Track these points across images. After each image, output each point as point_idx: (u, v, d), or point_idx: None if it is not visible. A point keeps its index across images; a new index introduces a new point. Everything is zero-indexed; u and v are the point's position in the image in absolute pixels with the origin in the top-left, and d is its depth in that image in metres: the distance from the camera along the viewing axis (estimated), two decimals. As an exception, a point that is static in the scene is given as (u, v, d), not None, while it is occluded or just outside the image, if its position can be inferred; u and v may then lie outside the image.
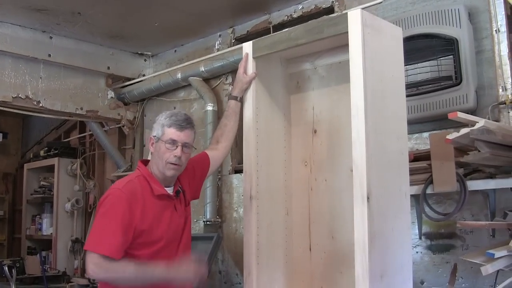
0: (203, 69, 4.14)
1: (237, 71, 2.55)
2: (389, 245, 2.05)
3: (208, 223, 3.96)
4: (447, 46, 2.76)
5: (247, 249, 2.40)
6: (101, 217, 2.13)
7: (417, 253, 2.90)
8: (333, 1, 3.55)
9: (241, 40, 4.11)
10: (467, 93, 2.72)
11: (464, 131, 2.23)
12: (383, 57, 2.13)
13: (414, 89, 2.82)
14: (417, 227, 2.81)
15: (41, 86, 4.31)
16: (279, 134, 2.61)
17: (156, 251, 2.16)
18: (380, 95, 2.08)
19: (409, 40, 2.79)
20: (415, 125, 2.90)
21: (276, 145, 2.58)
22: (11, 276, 4.52)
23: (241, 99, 2.50)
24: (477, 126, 2.20)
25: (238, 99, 2.50)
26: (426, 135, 2.88)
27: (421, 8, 3.02)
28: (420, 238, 2.86)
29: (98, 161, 5.60)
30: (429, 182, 2.57)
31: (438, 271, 2.84)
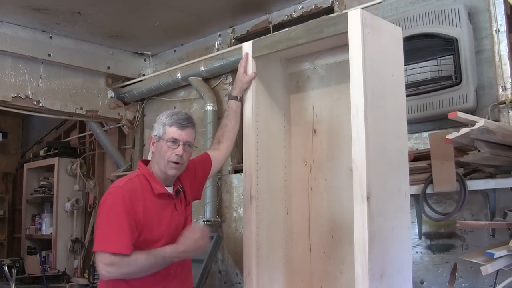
0: (203, 69, 4.14)
1: (237, 71, 2.55)
2: (389, 245, 2.05)
3: (208, 222, 3.95)
4: (447, 46, 2.77)
5: (247, 249, 2.39)
6: (105, 216, 2.11)
7: (417, 253, 2.90)
8: (333, 1, 3.56)
9: (241, 40, 4.11)
10: (467, 93, 2.72)
11: (464, 131, 2.23)
12: (383, 57, 2.13)
13: (414, 89, 2.82)
14: (417, 226, 2.81)
15: (41, 85, 4.31)
16: (279, 133, 2.61)
17: None
18: (380, 95, 2.08)
19: (409, 40, 2.80)
20: (415, 124, 2.90)
21: (276, 145, 2.58)
22: (11, 276, 4.53)
23: (241, 99, 2.50)
24: (477, 126, 2.19)
25: (238, 99, 2.50)
26: (426, 134, 2.88)
27: (421, 8, 3.02)
28: (420, 238, 2.86)
29: (98, 160, 5.60)
30: (429, 182, 2.57)
31: (438, 271, 2.85)
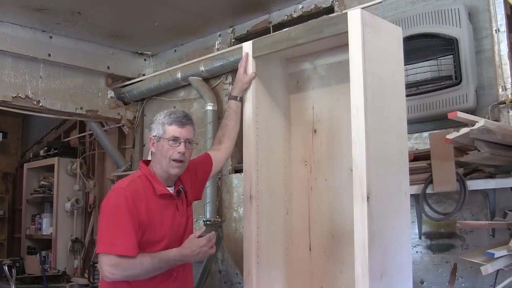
0: (203, 68, 4.14)
1: (237, 70, 2.55)
2: (389, 244, 2.05)
3: (208, 222, 3.95)
4: (447, 45, 2.76)
5: (247, 249, 2.39)
6: (108, 217, 2.11)
7: (417, 252, 2.90)
8: (333, 1, 3.55)
9: (241, 39, 4.11)
10: (467, 93, 2.72)
11: (464, 130, 2.23)
12: (383, 57, 2.13)
13: (414, 88, 2.82)
14: (417, 226, 2.81)
15: (41, 85, 4.31)
16: (279, 133, 2.61)
17: (158, 251, 2.13)
18: (380, 95, 2.08)
19: (409, 39, 2.79)
20: (415, 124, 2.90)
21: (276, 145, 2.58)
22: (11, 275, 4.53)
23: (241, 99, 2.50)
24: (477, 125, 2.19)
25: (238, 99, 2.50)
26: (426, 134, 2.88)
27: (421, 8, 3.02)
28: (420, 237, 2.86)
29: (98, 160, 5.60)
30: (429, 181, 2.57)
31: (438, 271, 2.85)
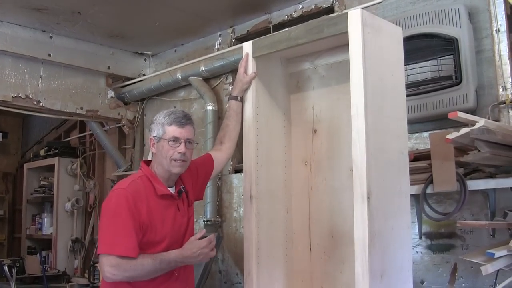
0: (203, 68, 4.14)
1: (237, 70, 2.55)
2: (389, 244, 2.05)
3: (208, 222, 3.96)
4: (447, 45, 2.76)
5: (247, 249, 2.39)
6: (110, 218, 2.11)
7: (417, 252, 2.90)
8: (333, 1, 3.55)
9: (241, 39, 4.11)
10: (467, 93, 2.72)
11: (464, 130, 2.23)
12: (383, 57, 2.13)
13: (414, 88, 2.82)
14: (417, 226, 2.81)
15: (41, 85, 4.31)
16: (279, 133, 2.61)
17: (159, 251, 2.13)
18: (380, 95, 2.08)
19: (409, 39, 2.79)
20: (415, 124, 2.90)
21: (276, 145, 2.58)
22: (11, 275, 4.53)
23: (241, 99, 2.50)
24: (477, 125, 2.19)
25: (238, 99, 2.49)
26: (426, 134, 2.87)
27: (421, 7, 3.02)
28: (420, 237, 2.86)
29: (98, 160, 5.60)
30: (429, 181, 2.57)
31: (438, 271, 2.85)
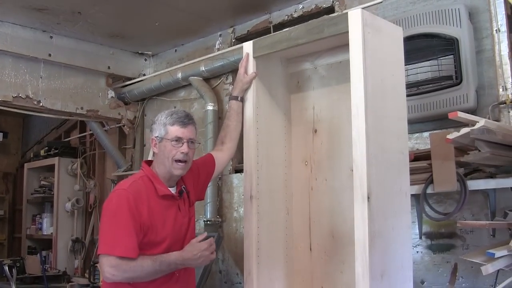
0: (203, 68, 4.14)
1: (237, 70, 2.55)
2: (390, 244, 2.05)
3: (208, 222, 3.96)
4: (448, 45, 2.76)
5: (247, 249, 2.39)
6: (110, 218, 2.11)
7: (418, 252, 2.90)
8: (333, 1, 3.55)
9: (241, 39, 4.11)
10: (467, 93, 2.72)
11: (464, 130, 2.23)
12: (383, 57, 2.13)
13: (414, 88, 2.82)
14: (417, 226, 2.81)
15: (41, 85, 4.31)
16: (280, 133, 2.61)
17: (160, 252, 2.13)
18: (380, 95, 2.08)
19: (409, 39, 2.79)
20: (416, 124, 2.90)
21: (276, 145, 2.58)
22: (11, 275, 4.53)
23: (242, 99, 2.50)
24: (477, 125, 2.19)
25: (239, 99, 2.49)
26: (426, 134, 2.87)
27: (421, 7, 3.02)
28: (420, 237, 2.86)
29: (98, 160, 5.60)
30: (430, 181, 2.57)
31: (438, 271, 2.84)
